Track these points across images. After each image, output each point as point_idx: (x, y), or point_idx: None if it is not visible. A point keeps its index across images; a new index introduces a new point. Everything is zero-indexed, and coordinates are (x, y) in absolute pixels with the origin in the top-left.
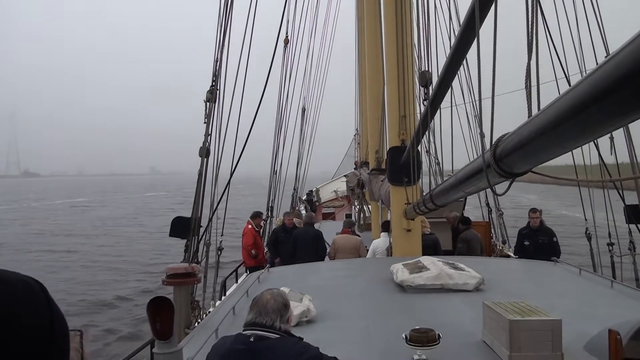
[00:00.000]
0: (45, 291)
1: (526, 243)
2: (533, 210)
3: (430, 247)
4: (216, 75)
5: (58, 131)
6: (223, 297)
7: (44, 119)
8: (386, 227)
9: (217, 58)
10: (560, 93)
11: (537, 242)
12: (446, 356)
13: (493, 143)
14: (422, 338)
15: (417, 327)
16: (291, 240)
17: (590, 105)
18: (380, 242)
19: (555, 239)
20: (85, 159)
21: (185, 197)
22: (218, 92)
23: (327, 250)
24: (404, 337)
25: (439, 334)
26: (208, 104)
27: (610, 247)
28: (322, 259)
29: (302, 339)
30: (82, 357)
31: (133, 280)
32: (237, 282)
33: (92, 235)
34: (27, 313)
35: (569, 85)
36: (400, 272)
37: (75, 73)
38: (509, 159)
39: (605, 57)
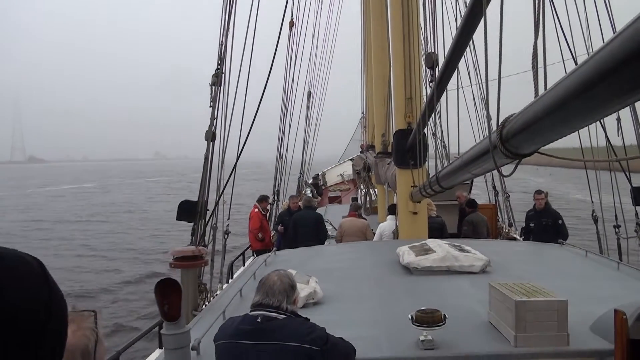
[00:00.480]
0: (44, 269)
1: (531, 225)
2: (538, 192)
3: (437, 230)
4: (221, 59)
5: (63, 117)
6: (230, 280)
7: (49, 105)
8: (392, 210)
9: (222, 41)
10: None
11: (541, 224)
12: (452, 337)
13: (499, 124)
14: (428, 319)
15: (423, 308)
16: (291, 224)
17: (597, 84)
18: (386, 225)
19: (560, 221)
20: (91, 144)
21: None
22: (223, 75)
23: (329, 233)
24: (410, 317)
25: (444, 315)
26: (213, 87)
27: (617, 230)
28: (323, 243)
29: (308, 319)
30: (97, 337)
31: (136, 265)
32: (244, 265)
33: (85, 222)
34: (23, 289)
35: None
36: (406, 254)
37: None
38: (515, 140)
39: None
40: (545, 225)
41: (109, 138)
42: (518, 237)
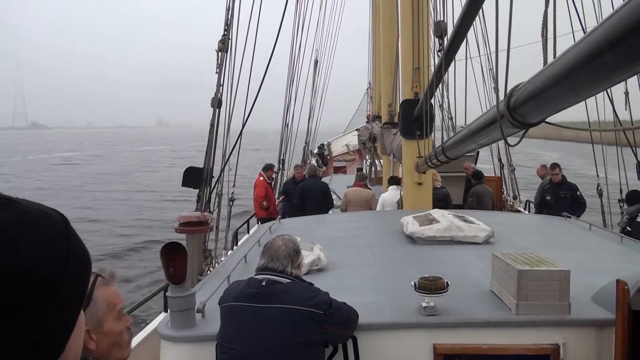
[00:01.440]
0: (67, 225)
1: (548, 198)
2: (552, 167)
3: (441, 201)
4: (228, 25)
5: (66, 83)
6: (235, 247)
7: (52, 71)
8: (394, 180)
9: (229, 6)
10: None
11: (559, 196)
12: (454, 304)
13: (507, 93)
14: (431, 285)
15: (425, 275)
16: (298, 194)
17: (606, 51)
18: (388, 196)
19: (578, 193)
20: (94, 111)
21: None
22: (230, 41)
23: (335, 202)
24: (413, 284)
25: (447, 282)
26: (220, 53)
27: (621, 204)
28: (327, 211)
29: (312, 284)
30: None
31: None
32: (248, 232)
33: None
34: (40, 245)
35: None
36: (410, 224)
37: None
38: (522, 109)
39: None
40: (563, 197)
41: (113, 105)
42: (522, 210)
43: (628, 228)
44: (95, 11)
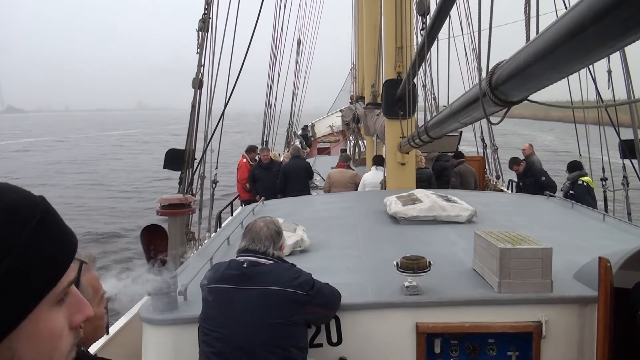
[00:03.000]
0: (34, 214)
1: (520, 184)
2: (514, 162)
3: (425, 181)
4: (208, 4)
5: (44, 66)
6: (218, 229)
7: (29, 54)
8: (377, 160)
9: None
10: None
11: (526, 184)
12: (436, 283)
13: (489, 71)
14: (413, 265)
15: (408, 255)
16: (281, 175)
17: (588, 27)
18: (370, 176)
19: (543, 178)
20: (72, 94)
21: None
22: (211, 20)
23: (317, 184)
24: (395, 264)
25: (429, 262)
26: (200, 33)
27: (604, 182)
28: (310, 191)
29: (294, 265)
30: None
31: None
32: (232, 215)
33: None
34: None
35: None
36: (393, 204)
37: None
38: (505, 87)
39: None
40: (528, 184)
41: (91, 87)
42: (505, 190)
43: (571, 192)
44: None
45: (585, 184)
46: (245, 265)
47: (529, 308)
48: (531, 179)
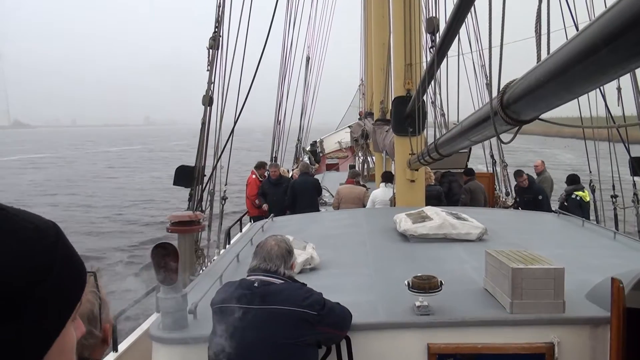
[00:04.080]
0: (59, 236)
1: (517, 200)
2: (519, 174)
3: (434, 198)
4: (219, 21)
5: (52, 81)
6: (227, 246)
7: (36, 69)
8: (386, 177)
9: (220, 3)
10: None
11: (523, 200)
12: (448, 303)
13: (500, 89)
14: (424, 284)
15: (419, 274)
16: (289, 192)
17: (600, 48)
18: (379, 193)
19: (540, 197)
20: (80, 108)
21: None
22: (221, 38)
23: (326, 200)
24: (407, 283)
25: (441, 281)
26: (211, 51)
27: (614, 200)
28: (319, 208)
29: (305, 284)
30: (101, 299)
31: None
32: (241, 231)
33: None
34: (20, 251)
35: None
36: (403, 221)
37: (70, 22)
38: (516, 106)
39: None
40: (526, 201)
41: (100, 102)
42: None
43: (565, 203)
44: (84, 8)
45: (578, 198)
46: (256, 284)
47: (541, 329)
48: (530, 195)
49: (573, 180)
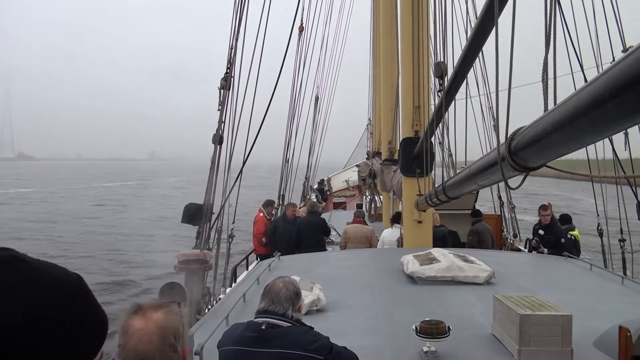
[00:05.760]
0: (80, 288)
1: (535, 239)
2: (543, 208)
3: (440, 239)
4: (231, 63)
5: (57, 114)
6: (233, 284)
7: (41, 101)
8: (396, 218)
9: (232, 45)
10: (576, 86)
11: (543, 240)
12: (455, 349)
13: (508, 136)
14: (432, 330)
15: (427, 319)
16: (295, 231)
17: (607, 101)
18: (388, 233)
19: (563, 240)
20: (87, 142)
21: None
22: (232, 79)
23: (333, 239)
24: (414, 328)
25: (449, 326)
26: (222, 91)
27: (622, 243)
28: (325, 247)
29: (312, 328)
30: (183, 324)
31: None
32: (247, 269)
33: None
34: (41, 302)
35: (585, 79)
36: (410, 263)
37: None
38: (524, 153)
39: (622, 51)
40: (547, 242)
41: (105, 136)
42: (523, 248)
43: (562, 240)
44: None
45: (572, 237)
46: (263, 327)
47: None
48: (551, 237)
49: (566, 220)
